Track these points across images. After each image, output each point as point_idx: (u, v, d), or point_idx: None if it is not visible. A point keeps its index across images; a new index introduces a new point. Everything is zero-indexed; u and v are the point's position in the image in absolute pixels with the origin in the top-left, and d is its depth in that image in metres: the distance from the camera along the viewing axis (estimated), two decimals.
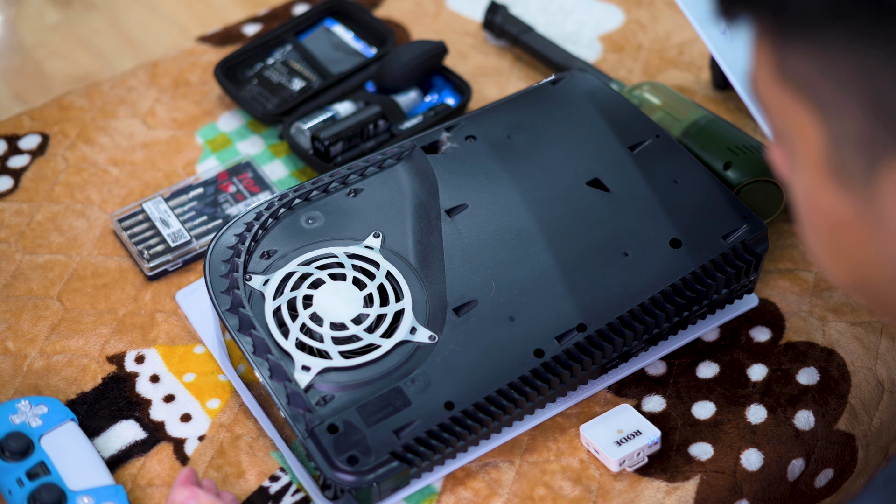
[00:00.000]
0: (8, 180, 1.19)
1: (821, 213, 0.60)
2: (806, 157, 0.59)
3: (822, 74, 0.56)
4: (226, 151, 1.23)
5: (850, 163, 0.57)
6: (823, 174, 0.58)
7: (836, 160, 0.57)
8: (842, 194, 0.58)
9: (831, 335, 1.05)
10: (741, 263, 1.00)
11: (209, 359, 1.04)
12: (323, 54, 1.30)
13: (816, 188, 0.59)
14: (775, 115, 0.60)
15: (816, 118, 0.57)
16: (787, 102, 0.58)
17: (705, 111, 1.15)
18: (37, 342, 1.05)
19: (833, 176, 0.58)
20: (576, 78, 1.14)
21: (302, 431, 0.89)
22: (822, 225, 0.61)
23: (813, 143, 0.58)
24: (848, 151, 0.56)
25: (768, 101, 0.60)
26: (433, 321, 0.95)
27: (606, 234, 1.00)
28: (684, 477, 0.95)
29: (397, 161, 1.06)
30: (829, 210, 0.59)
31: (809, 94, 0.57)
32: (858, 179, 0.57)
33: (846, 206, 0.58)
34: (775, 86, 0.59)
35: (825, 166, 0.58)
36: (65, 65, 2.31)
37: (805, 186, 0.60)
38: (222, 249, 0.98)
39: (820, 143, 0.58)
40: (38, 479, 0.91)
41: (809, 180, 0.60)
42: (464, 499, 0.94)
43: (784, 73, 0.58)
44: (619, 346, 0.96)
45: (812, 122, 0.57)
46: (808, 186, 0.60)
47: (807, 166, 0.59)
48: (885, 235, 0.57)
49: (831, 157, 0.57)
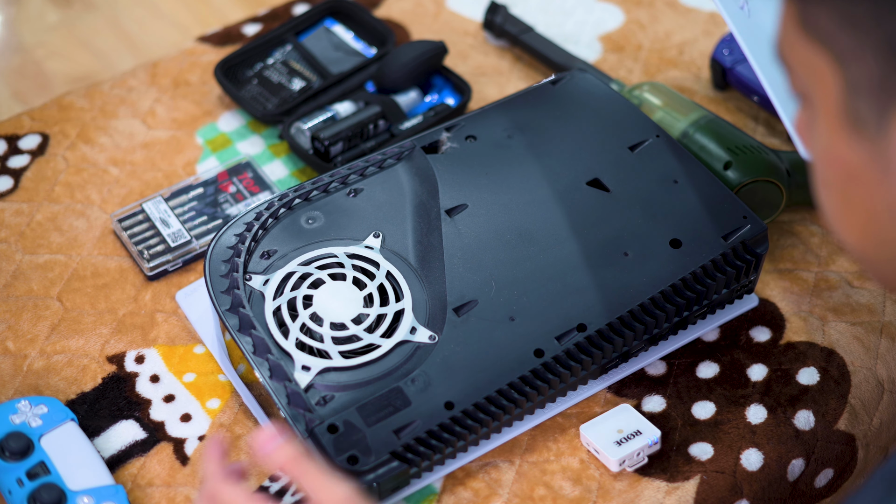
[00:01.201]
0: (8, 180, 1.19)
1: (835, 165, 0.64)
2: (824, 110, 0.63)
3: (839, 22, 0.60)
4: (226, 151, 1.23)
5: (865, 109, 0.60)
6: (839, 124, 0.62)
7: (852, 108, 0.61)
8: (856, 143, 0.62)
9: (831, 335, 1.05)
10: (741, 263, 1.00)
11: (209, 359, 1.04)
12: (323, 54, 1.30)
13: (831, 139, 0.63)
14: (798, 71, 0.64)
15: (834, 67, 0.61)
16: (808, 55, 0.62)
17: (705, 111, 1.15)
18: (37, 342, 1.05)
19: (848, 124, 0.62)
20: (576, 78, 1.14)
21: (302, 431, 0.89)
22: (835, 178, 0.64)
23: (831, 92, 0.62)
24: (862, 98, 0.60)
25: (792, 58, 0.64)
26: (433, 321, 0.95)
27: (606, 234, 1.00)
28: (684, 477, 0.95)
29: (397, 161, 1.06)
30: (844, 160, 0.63)
31: (828, 43, 0.61)
32: (872, 126, 0.60)
33: (860, 154, 0.62)
34: (798, 40, 0.63)
35: (841, 116, 0.62)
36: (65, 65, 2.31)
37: (821, 139, 0.64)
38: (222, 249, 0.98)
39: (837, 91, 0.61)
40: (38, 479, 0.91)
41: (826, 132, 0.63)
42: (464, 499, 0.94)
43: (805, 25, 0.62)
44: (619, 346, 0.96)
45: (830, 71, 0.61)
46: (824, 138, 0.64)
47: (825, 118, 0.63)
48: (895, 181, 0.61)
49: (847, 105, 0.61)
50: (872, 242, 0.65)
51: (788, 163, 1.11)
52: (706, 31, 1.37)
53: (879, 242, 0.64)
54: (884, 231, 0.63)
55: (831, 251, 1.12)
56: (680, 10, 1.40)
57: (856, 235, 0.66)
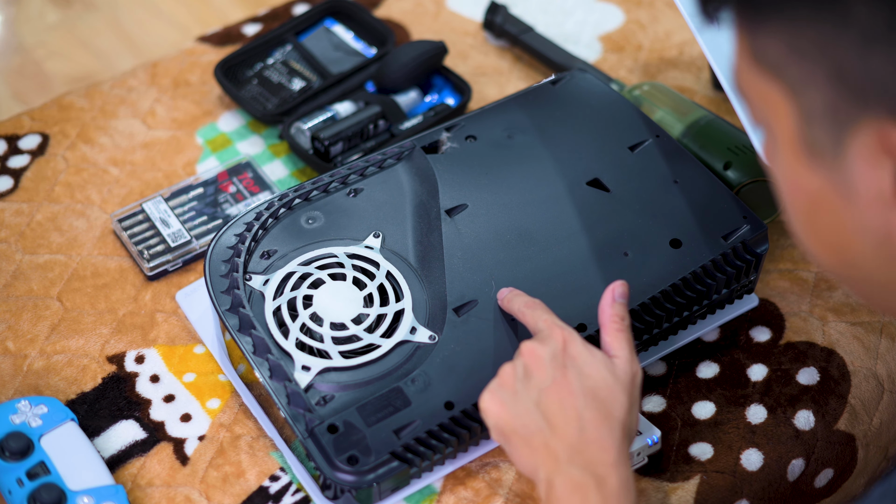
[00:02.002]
0: (8, 180, 1.19)
1: (799, 192, 0.64)
2: (782, 138, 0.63)
3: (788, 50, 0.60)
4: (226, 151, 1.23)
5: (821, 136, 0.61)
6: (798, 152, 0.62)
7: (808, 135, 0.61)
8: (815, 169, 0.62)
9: (831, 335, 1.05)
10: (741, 263, 1.00)
11: (209, 359, 1.04)
12: (323, 54, 1.30)
13: (793, 167, 0.63)
14: (755, 101, 0.64)
15: (788, 97, 0.61)
16: (762, 86, 0.63)
17: (705, 111, 1.15)
18: (37, 342, 1.05)
19: (806, 152, 0.62)
20: (576, 78, 1.14)
21: (302, 431, 0.89)
22: (801, 205, 0.65)
23: (787, 122, 0.62)
24: (818, 124, 0.61)
25: (748, 89, 0.64)
26: (433, 321, 0.95)
27: (606, 234, 1.00)
28: (684, 477, 0.95)
29: (397, 161, 1.06)
30: (806, 187, 0.63)
31: (780, 72, 0.61)
32: (829, 152, 0.61)
33: (821, 181, 0.62)
34: (751, 71, 0.63)
35: (799, 143, 0.62)
36: (65, 65, 2.31)
37: (784, 168, 0.64)
38: (222, 249, 0.98)
39: (793, 120, 0.62)
40: (38, 479, 0.91)
41: (786, 161, 0.64)
42: (464, 499, 0.94)
43: (757, 55, 0.62)
44: None
45: (784, 101, 0.62)
46: (786, 167, 0.64)
47: (783, 147, 0.63)
48: (858, 203, 0.61)
49: (804, 133, 0.62)
50: (843, 263, 0.65)
51: None
52: None
53: (849, 264, 0.65)
54: (852, 252, 0.64)
55: None
56: (679, 10, 1.40)
57: (826, 256, 0.66)
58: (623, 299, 0.88)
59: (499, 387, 0.83)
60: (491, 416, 0.83)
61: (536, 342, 0.85)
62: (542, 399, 0.81)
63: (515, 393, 0.82)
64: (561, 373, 0.82)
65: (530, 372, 0.83)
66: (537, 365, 0.83)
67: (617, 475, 0.77)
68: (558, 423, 0.80)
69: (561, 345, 0.84)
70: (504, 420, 0.82)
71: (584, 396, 0.81)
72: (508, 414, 0.81)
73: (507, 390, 0.83)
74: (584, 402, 0.80)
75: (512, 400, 0.82)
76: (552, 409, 0.80)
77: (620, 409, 0.81)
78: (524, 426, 0.80)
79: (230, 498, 0.94)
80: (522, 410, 0.81)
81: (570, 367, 0.82)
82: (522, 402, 0.81)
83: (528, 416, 0.81)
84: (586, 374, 0.82)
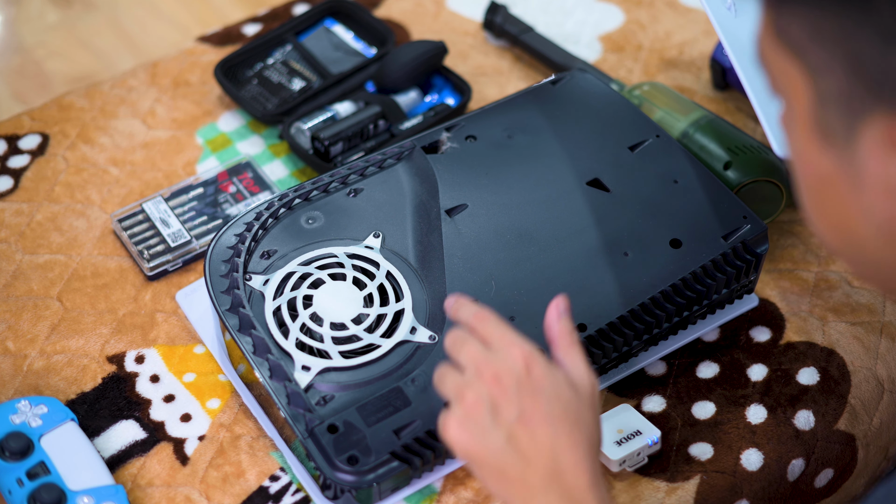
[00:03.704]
0: (8, 180, 1.19)
1: (809, 170, 0.65)
2: (798, 116, 0.64)
3: (809, 34, 0.61)
4: (226, 151, 1.23)
5: (834, 121, 0.62)
6: (811, 132, 0.63)
7: (822, 118, 0.62)
8: (827, 152, 0.63)
9: (831, 335, 1.05)
10: (741, 263, 1.00)
11: (209, 359, 1.04)
12: (323, 54, 1.30)
13: (805, 146, 0.65)
14: (775, 76, 0.66)
15: (806, 77, 0.62)
16: (782, 63, 0.64)
17: (705, 111, 1.15)
18: (37, 342, 1.05)
19: (819, 134, 0.63)
20: (576, 78, 1.14)
21: (302, 431, 0.89)
22: (810, 181, 0.66)
23: (803, 101, 0.63)
24: (832, 109, 0.61)
25: (769, 63, 0.66)
26: (433, 321, 0.95)
27: (606, 234, 1.00)
28: (684, 477, 0.95)
29: (397, 161, 1.06)
30: (816, 167, 0.64)
31: (799, 54, 0.62)
32: (841, 137, 0.62)
33: (831, 164, 0.63)
34: (773, 47, 0.64)
35: (813, 125, 0.63)
36: (65, 65, 2.31)
37: (797, 144, 0.66)
38: (222, 249, 0.98)
39: (808, 101, 0.63)
40: (38, 479, 0.91)
41: (800, 138, 0.65)
42: (464, 499, 0.94)
43: (779, 33, 0.63)
44: (619, 346, 0.96)
45: (802, 81, 0.63)
46: (799, 144, 0.65)
47: (798, 124, 0.64)
48: (865, 190, 0.62)
49: (818, 116, 0.63)
50: (847, 243, 0.66)
51: None
52: (706, 31, 1.37)
53: (853, 244, 0.66)
54: (856, 235, 0.65)
55: None
56: (680, 10, 1.40)
57: (831, 235, 0.67)
58: (567, 314, 0.85)
59: (466, 417, 0.79)
60: (459, 448, 0.80)
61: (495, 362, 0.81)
62: (514, 433, 0.78)
63: (484, 428, 0.79)
64: (529, 402, 0.79)
65: (497, 405, 0.79)
66: (504, 397, 0.79)
67: (593, 496, 0.76)
68: (532, 456, 0.78)
69: (523, 368, 0.80)
70: (475, 452, 0.79)
71: (553, 423, 0.78)
72: (479, 447, 0.78)
73: (475, 423, 0.79)
74: (555, 430, 0.78)
75: (481, 434, 0.79)
76: (524, 442, 0.78)
77: (588, 428, 0.79)
78: (497, 461, 0.78)
79: (230, 498, 0.94)
80: (494, 447, 0.78)
81: (536, 394, 0.79)
82: (493, 439, 0.78)
83: (501, 452, 0.78)
84: (553, 398, 0.79)
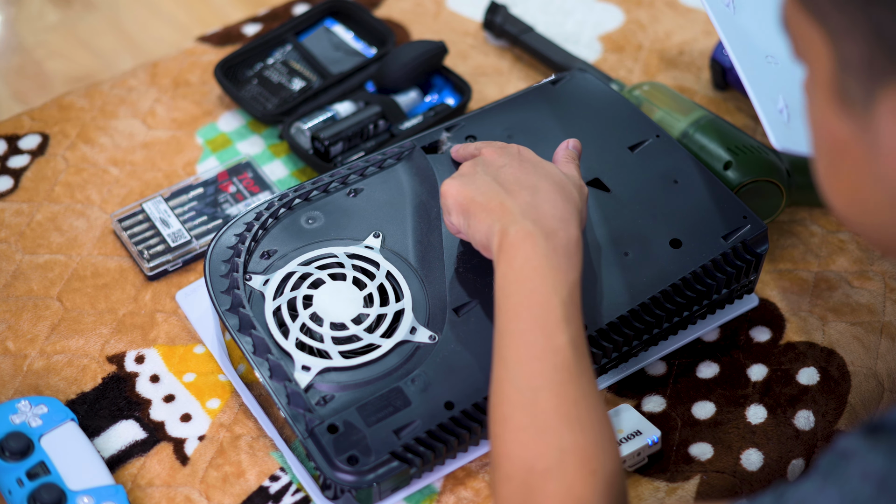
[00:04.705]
0: (8, 180, 1.19)
1: (826, 135, 0.67)
2: (818, 80, 0.66)
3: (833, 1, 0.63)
4: (226, 151, 1.23)
5: (853, 87, 0.63)
6: (831, 98, 0.65)
7: (841, 84, 0.64)
8: (844, 117, 0.64)
9: (831, 335, 1.05)
10: (741, 263, 1.00)
11: (209, 359, 1.04)
12: (323, 54, 1.30)
13: (824, 112, 0.66)
14: (798, 41, 0.67)
15: (827, 43, 0.64)
16: (805, 28, 0.65)
17: (705, 111, 1.15)
18: (37, 342, 1.05)
19: (838, 99, 0.64)
20: (576, 78, 1.14)
21: (302, 431, 0.89)
22: (826, 146, 0.67)
23: (824, 66, 0.65)
24: (851, 76, 0.63)
25: (792, 27, 0.67)
26: (433, 321, 0.95)
27: (606, 234, 1.00)
28: (684, 477, 0.95)
29: (397, 161, 1.06)
30: (833, 132, 0.66)
31: (823, 19, 0.63)
32: (859, 104, 0.63)
33: (848, 130, 0.64)
34: (796, 11, 0.65)
35: (833, 90, 0.64)
36: (65, 65, 2.31)
37: (816, 109, 0.67)
38: (222, 249, 0.98)
39: (829, 66, 0.64)
40: (38, 479, 0.91)
41: (819, 102, 0.66)
42: (464, 499, 0.94)
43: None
44: (619, 346, 0.96)
45: (824, 47, 0.64)
46: (818, 109, 0.67)
47: (818, 89, 0.66)
48: (880, 159, 0.63)
49: (837, 81, 0.64)
50: (857, 209, 0.68)
51: (788, 163, 1.11)
52: (706, 31, 1.37)
53: (863, 210, 0.67)
54: (868, 202, 0.66)
55: (831, 251, 1.12)
56: (680, 10, 1.40)
57: (842, 200, 0.68)
58: (575, 150, 0.97)
59: (459, 174, 0.92)
60: (451, 197, 0.90)
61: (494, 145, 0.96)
62: (500, 174, 0.90)
63: (475, 175, 0.91)
64: (517, 160, 0.92)
65: (490, 161, 0.93)
66: (495, 155, 0.93)
67: (565, 231, 0.85)
68: (514, 189, 0.88)
69: (516, 150, 0.94)
70: (463, 195, 0.89)
71: (539, 175, 0.90)
72: (468, 189, 0.89)
73: (469, 176, 0.91)
74: (538, 178, 0.90)
75: (471, 180, 0.90)
76: (509, 180, 0.90)
77: (572, 195, 0.89)
78: (482, 194, 0.88)
79: (230, 498, 0.94)
80: (481, 184, 0.89)
81: (525, 162, 0.92)
82: (481, 178, 0.90)
83: (487, 186, 0.89)
84: (541, 166, 0.91)
